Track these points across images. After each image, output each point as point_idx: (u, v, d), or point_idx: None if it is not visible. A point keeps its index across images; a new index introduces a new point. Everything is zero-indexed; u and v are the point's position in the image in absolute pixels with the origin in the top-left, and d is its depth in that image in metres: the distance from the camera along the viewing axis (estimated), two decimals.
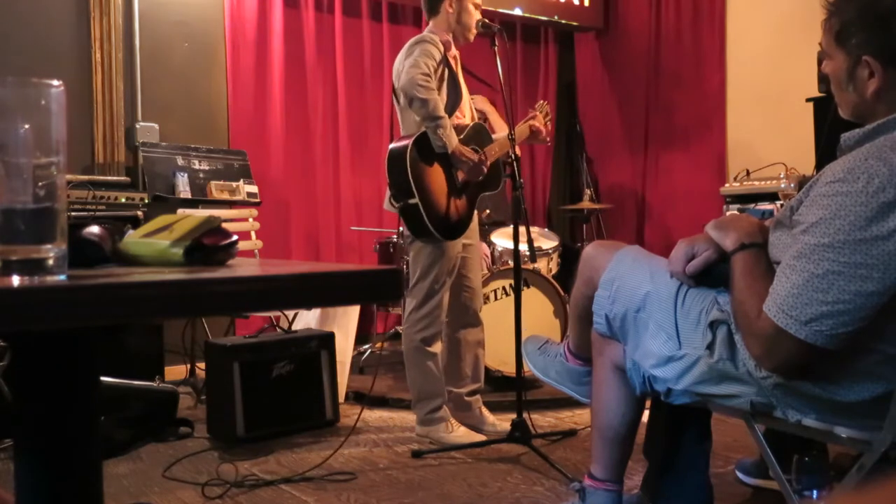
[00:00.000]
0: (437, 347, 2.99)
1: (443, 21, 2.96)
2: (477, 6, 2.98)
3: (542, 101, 3.35)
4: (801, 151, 3.96)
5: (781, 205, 3.68)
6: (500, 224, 4.22)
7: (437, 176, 2.85)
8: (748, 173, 4.23)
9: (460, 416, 3.07)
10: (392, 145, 2.90)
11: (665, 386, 1.70)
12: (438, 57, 2.85)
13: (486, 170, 2.92)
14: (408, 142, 2.82)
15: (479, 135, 3.02)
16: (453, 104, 2.92)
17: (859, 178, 1.37)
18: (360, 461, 2.77)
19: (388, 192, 2.91)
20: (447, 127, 2.79)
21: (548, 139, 3.14)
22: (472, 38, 3.01)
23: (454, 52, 2.99)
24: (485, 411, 3.13)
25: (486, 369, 3.58)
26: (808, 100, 3.80)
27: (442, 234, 2.85)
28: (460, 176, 2.91)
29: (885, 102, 1.49)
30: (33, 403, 0.89)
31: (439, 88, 2.87)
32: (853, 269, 1.36)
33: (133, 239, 1.00)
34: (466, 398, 3.10)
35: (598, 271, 1.84)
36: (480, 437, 2.92)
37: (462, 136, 2.92)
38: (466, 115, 3.07)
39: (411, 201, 2.78)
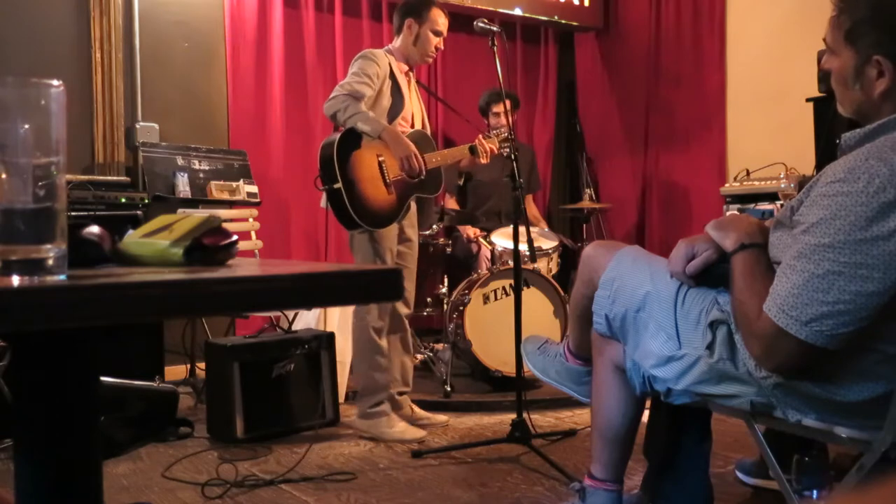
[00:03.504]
0: (384, 342, 3.05)
1: (402, 40, 3.18)
2: (437, 33, 3.16)
3: (500, 129, 3.42)
4: (801, 151, 3.96)
5: (781, 205, 3.68)
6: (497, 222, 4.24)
7: (365, 166, 2.93)
8: (748, 173, 4.23)
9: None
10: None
11: (665, 386, 1.70)
12: (376, 69, 3.01)
13: (419, 169, 2.96)
14: (338, 133, 2.94)
15: (419, 140, 3.08)
16: (395, 112, 3.07)
17: (860, 178, 1.37)
18: (360, 461, 2.77)
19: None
20: (367, 114, 2.90)
21: (483, 160, 3.23)
22: (429, 60, 3.27)
23: (406, 69, 3.19)
24: (415, 408, 3.24)
25: (486, 369, 3.60)
26: (808, 100, 3.80)
27: (363, 220, 2.88)
28: (391, 171, 2.97)
29: (892, 102, 1.49)
30: (33, 403, 0.89)
31: (380, 97, 3.02)
32: (853, 269, 1.36)
33: (133, 239, 1.00)
34: (397, 397, 3.18)
35: (598, 271, 1.84)
36: (421, 433, 3.00)
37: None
38: (416, 125, 3.20)
39: (335, 186, 2.84)
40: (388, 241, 3.01)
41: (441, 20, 3.18)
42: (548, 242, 4.05)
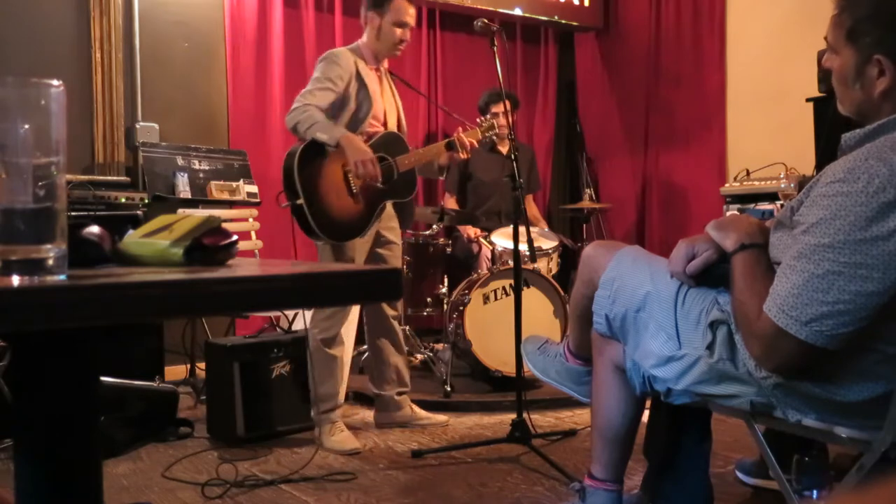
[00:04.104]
0: (339, 350, 3.00)
1: (367, 35, 3.08)
2: (401, 24, 3.01)
3: (487, 118, 3.28)
4: (801, 151, 3.96)
5: (781, 205, 3.68)
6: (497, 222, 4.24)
7: (329, 178, 2.84)
8: (748, 173, 4.23)
9: (392, 415, 3.17)
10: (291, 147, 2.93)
11: (665, 386, 1.70)
12: (339, 71, 2.92)
13: (374, 175, 2.82)
14: (301, 144, 2.86)
15: (390, 143, 3.00)
16: (363, 113, 2.97)
17: (860, 178, 1.37)
18: (360, 461, 2.77)
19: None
20: (325, 123, 2.82)
21: (462, 155, 3.09)
22: (397, 53, 3.09)
23: (377, 64, 3.08)
24: (415, 408, 3.21)
25: (486, 369, 3.60)
26: (808, 100, 3.80)
27: (327, 235, 2.84)
28: (356, 181, 2.89)
29: (892, 101, 1.49)
30: (33, 403, 0.89)
31: (345, 99, 2.93)
32: (853, 269, 1.36)
33: (133, 239, 1.00)
34: (397, 398, 3.17)
35: (598, 271, 1.84)
36: (356, 445, 2.89)
37: (370, 142, 2.93)
38: (391, 123, 3.09)
39: (298, 202, 2.79)
40: (353, 250, 2.94)
41: (406, 10, 3.03)
42: (548, 242, 4.05)
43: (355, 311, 3.60)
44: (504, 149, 4.64)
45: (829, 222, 1.38)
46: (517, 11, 5.23)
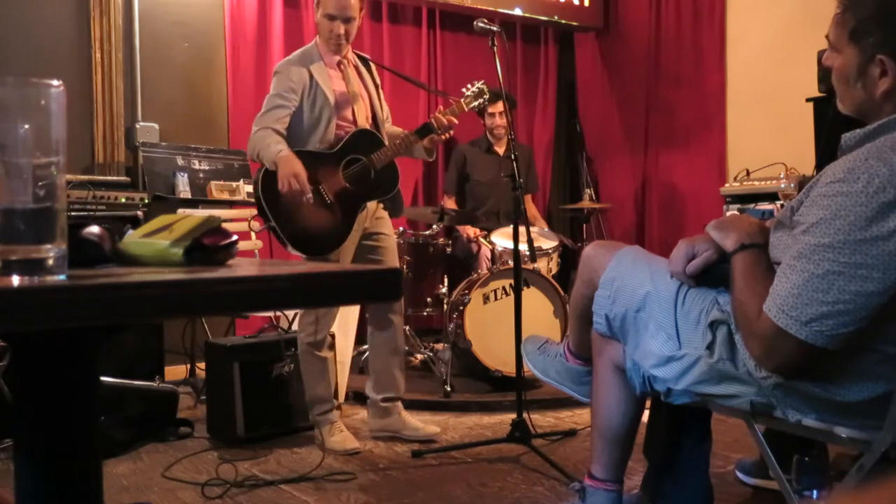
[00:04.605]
0: (329, 353, 2.96)
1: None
2: (331, 17, 2.84)
3: (471, 88, 3.06)
4: (801, 151, 3.96)
5: (781, 205, 3.68)
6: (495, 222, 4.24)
7: (297, 198, 2.74)
8: (748, 173, 4.23)
9: (383, 423, 3.05)
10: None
11: (665, 386, 1.70)
12: (289, 84, 2.84)
13: (300, 191, 2.71)
14: (263, 168, 2.81)
15: (361, 142, 2.90)
16: (328, 118, 2.86)
17: (859, 178, 1.37)
18: (360, 461, 2.77)
19: None
20: (267, 146, 2.75)
21: (443, 136, 2.95)
22: (336, 48, 2.89)
23: (338, 58, 2.93)
24: (405, 416, 3.07)
25: (486, 369, 3.60)
26: (808, 100, 3.79)
27: (306, 252, 2.81)
28: (330, 191, 2.83)
29: (894, 101, 1.49)
30: (33, 403, 0.89)
31: (302, 110, 2.85)
32: (853, 269, 1.36)
33: (133, 239, 1.00)
34: (382, 404, 3.05)
35: (598, 271, 1.84)
36: (356, 445, 2.87)
37: (338, 147, 2.86)
38: (360, 121, 2.95)
39: (270, 224, 2.77)
40: (337, 254, 2.87)
41: (331, 2, 2.83)
42: (548, 242, 4.06)
43: (354, 311, 3.61)
44: (501, 149, 4.64)
45: (829, 222, 1.38)
46: (517, 11, 5.23)
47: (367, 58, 3.12)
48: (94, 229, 0.96)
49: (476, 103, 3.06)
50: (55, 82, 0.74)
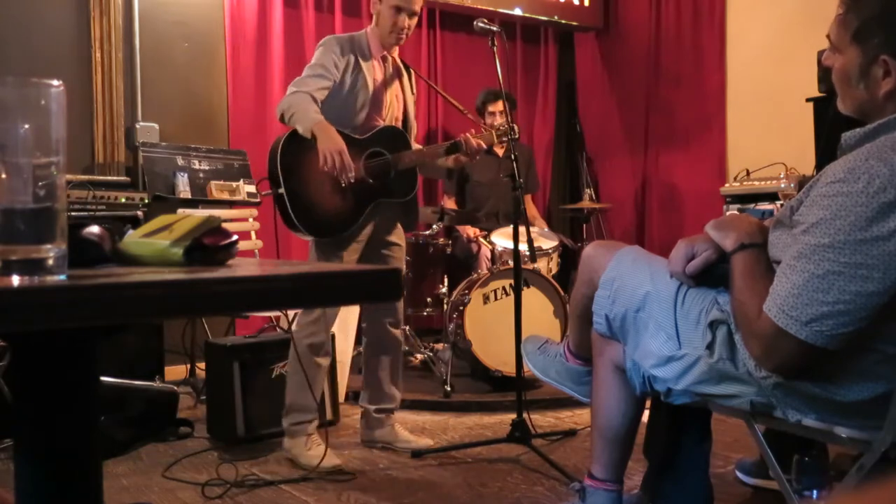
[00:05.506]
0: (325, 361, 2.83)
1: (373, 22, 2.89)
2: (399, 9, 2.76)
3: (500, 124, 3.13)
4: (801, 151, 3.96)
5: (781, 205, 3.68)
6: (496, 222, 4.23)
7: (315, 169, 2.62)
8: (748, 173, 4.23)
9: (375, 433, 2.95)
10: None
11: (665, 386, 1.70)
12: (334, 59, 2.74)
13: (342, 168, 2.59)
14: (287, 132, 2.73)
15: (388, 138, 2.83)
16: (361, 104, 2.80)
17: (860, 178, 1.37)
18: (360, 461, 2.77)
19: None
20: (305, 111, 2.63)
21: (469, 159, 2.94)
22: (395, 41, 2.83)
23: (385, 53, 2.87)
24: (398, 428, 2.96)
25: (486, 369, 3.60)
26: (808, 100, 3.79)
27: (308, 229, 2.68)
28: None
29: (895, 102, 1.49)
30: (33, 403, 0.89)
31: (340, 88, 2.77)
32: (853, 269, 1.36)
33: (133, 239, 1.00)
34: (376, 415, 2.95)
35: (598, 271, 1.84)
36: (336, 462, 2.66)
37: (367, 135, 2.79)
38: (391, 120, 2.89)
39: (279, 191, 2.65)
40: (342, 249, 2.76)
41: None
42: (548, 242, 4.06)
43: (354, 311, 3.61)
44: (500, 150, 4.63)
45: (830, 222, 1.38)
46: (517, 11, 5.23)
47: (410, 67, 3.06)
48: (94, 229, 0.96)
49: (505, 139, 3.01)
50: (55, 82, 0.74)
